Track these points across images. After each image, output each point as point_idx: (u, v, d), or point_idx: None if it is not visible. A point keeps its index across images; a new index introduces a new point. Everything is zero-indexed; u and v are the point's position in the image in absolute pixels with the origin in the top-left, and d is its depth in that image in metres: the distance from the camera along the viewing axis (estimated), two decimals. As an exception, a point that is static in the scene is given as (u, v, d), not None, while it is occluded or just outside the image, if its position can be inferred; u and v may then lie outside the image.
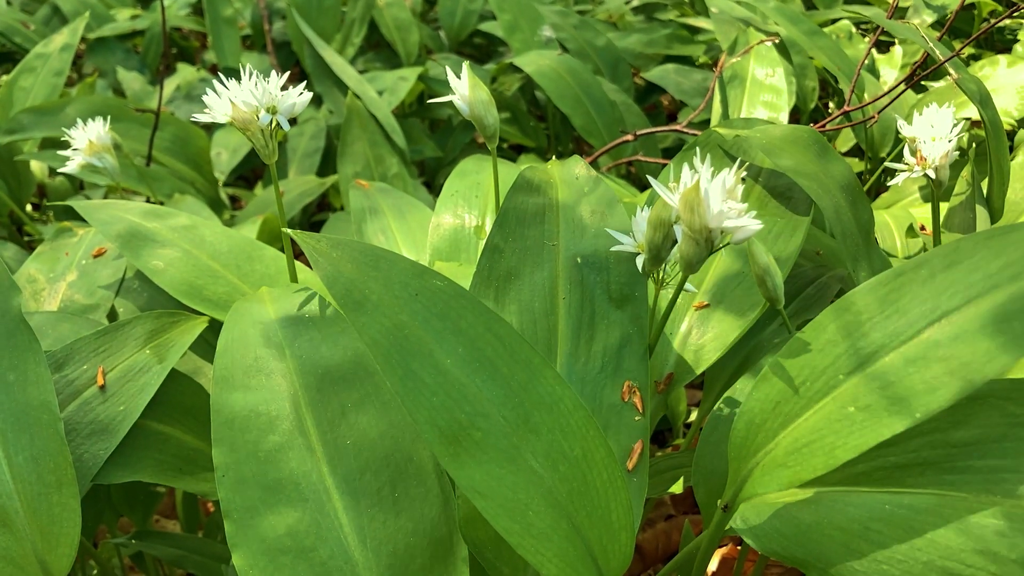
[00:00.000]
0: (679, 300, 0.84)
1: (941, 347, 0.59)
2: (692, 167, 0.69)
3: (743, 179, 0.84)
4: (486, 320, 0.66)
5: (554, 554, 0.61)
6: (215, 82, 0.80)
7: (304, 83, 0.85)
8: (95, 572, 1.03)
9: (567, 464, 0.63)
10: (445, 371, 0.63)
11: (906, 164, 0.94)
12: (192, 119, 0.79)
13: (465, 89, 0.84)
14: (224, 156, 1.89)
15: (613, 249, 0.77)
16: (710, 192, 0.65)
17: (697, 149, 0.79)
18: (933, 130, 0.95)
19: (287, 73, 0.81)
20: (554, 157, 0.93)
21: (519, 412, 0.63)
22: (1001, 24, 1.89)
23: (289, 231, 0.73)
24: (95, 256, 1.07)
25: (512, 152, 2.06)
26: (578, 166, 0.88)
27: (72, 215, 1.58)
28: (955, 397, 0.57)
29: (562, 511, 0.62)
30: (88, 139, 1.10)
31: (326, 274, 0.65)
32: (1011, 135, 1.43)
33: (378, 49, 2.35)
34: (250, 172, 2.16)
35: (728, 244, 0.68)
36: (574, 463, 0.63)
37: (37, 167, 1.85)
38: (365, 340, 0.62)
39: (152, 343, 0.87)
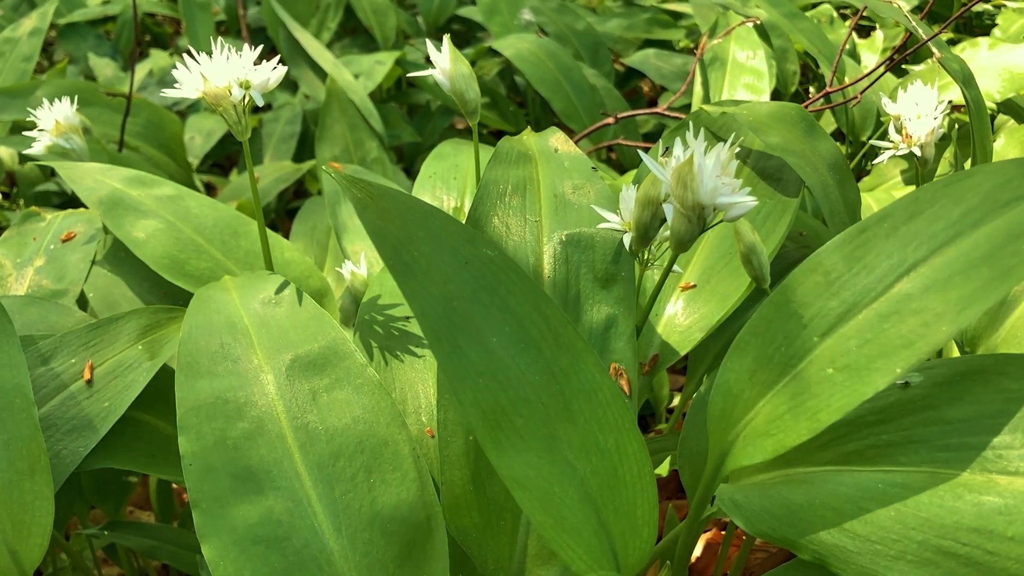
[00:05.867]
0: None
1: (913, 300, 0.59)
2: (684, 143, 0.67)
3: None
4: (534, 298, 0.61)
5: (584, 550, 0.58)
6: (186, 57, 0.77)
7: (278, 60, 0.82)
8: (66, 564, 1.01)
9: (599, 456, 0.60)
10: (491, 350, 0.58)
11: (891, 142, 0.93)
12: (162, 95, 0.76)
13: (446, 63, 0.82)
14: (198, 140, 1.86)
15: (599, 227, 0.75)
16: (704, 167, 0.62)
17: (690, 124, 0.77)
18: (918, 107, 0.94)
19: (260, 47, 0.79)
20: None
21: (559, 399, 0.59)
22: (979, 8, 1.89)
23: (327, 169, 0.69)
24: (64, 241, 1.04)
25: (492, 138, 2.04)
26: (556, 138, 0.86)
27: (41, 202, 1.55)
28: (933, 349, 0.56)
29: (592, 505, 0.59)
30: (55, 119, 1.07)
31: (374, 228, 0.58)
32: (992, 118, 1.43)
33: (355, 35, 2.32)
34: (225, 160, 2.12)
35: (720, 222, 0.66)
36: (606, 455, 0.60)
37: (6, 154, 1.80)
38: (413, 308, 0.56)
39: (145, 338, 0.83)
